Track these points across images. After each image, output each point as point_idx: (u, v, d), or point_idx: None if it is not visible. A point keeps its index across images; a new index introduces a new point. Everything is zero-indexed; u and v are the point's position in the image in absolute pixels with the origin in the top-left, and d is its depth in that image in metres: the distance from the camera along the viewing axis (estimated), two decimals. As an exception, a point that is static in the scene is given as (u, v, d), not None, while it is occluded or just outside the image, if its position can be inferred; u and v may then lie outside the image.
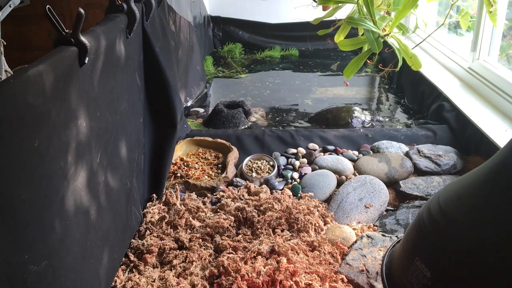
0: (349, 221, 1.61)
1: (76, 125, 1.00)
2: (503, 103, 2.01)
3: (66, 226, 0.94)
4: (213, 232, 1.51)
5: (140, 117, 1.63)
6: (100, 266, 1.15)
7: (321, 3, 1.47)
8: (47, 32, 3.10)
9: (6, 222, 0.74)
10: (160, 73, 1.81)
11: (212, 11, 4.18)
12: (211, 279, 1.31)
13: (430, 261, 0.94)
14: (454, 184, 1.01)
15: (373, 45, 1.25)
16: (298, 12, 2.46)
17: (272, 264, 1.32)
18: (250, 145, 2.11)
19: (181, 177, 1.87)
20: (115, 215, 1.27)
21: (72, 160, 0.98)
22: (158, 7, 2.04)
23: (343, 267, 1.34)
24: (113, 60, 1.25)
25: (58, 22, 0.95)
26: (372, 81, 3.32)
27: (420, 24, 2.53)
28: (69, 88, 0.95)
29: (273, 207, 1.61)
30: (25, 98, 0.78)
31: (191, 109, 2.79)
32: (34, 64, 0.83)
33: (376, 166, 1.89)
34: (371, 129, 2.27)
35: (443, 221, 0.94)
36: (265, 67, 3.70)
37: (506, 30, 2.26)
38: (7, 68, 1.36)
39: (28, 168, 0.80)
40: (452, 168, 1.88)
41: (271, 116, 2.70)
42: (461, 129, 2.10)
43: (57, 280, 0.90)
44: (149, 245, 1.44)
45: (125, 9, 1.41)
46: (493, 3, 1.29)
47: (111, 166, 1.24)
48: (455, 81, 2.49)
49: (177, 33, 2.60)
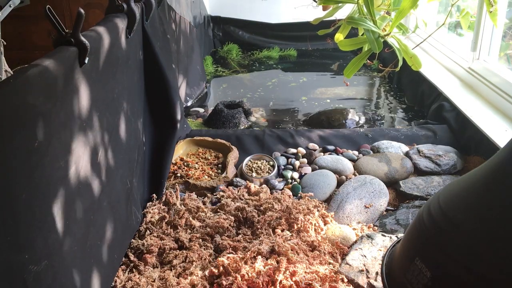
0: (349, 221, 1.61)
1: (76, 125, 1.00)
2: (503, 103, 2.01)
3: (66, 226, 0.94)
4: (213, 232, 1.51)
5: (140, 117, 1.63)
6: (100, 266, 1.15)
7: (321, 3, 1.47)
8: (47, 32, 3.10)
9: (6, 222, 0.74)
10: (160, 73, 1.81)
11: (212, 11, 4.18)
12: (211, 279, 1.31)
13: (430, 261, 0.94)
14: (454, 184, 1.01)
15: (373, 45, 1.25)
16: (298, 12, 2.45)
17: (272, 264, 1.32)
18: (250, 145, 2.11)
19: (181, 177, 1.87)
20: (115, 215, 1.27)
21: (72, 160, 0.98)
22: (158, 7, 2.04)
23: (343, 267, 1.34)
24: (113, 60, 1.25)
25: (58, 22, 0.95)
26: (372, 81, 3.32)
27: (420, 24, 2.53)
28: (69, 88, 0.95)
29: (273, 207, 1.61)
30: (25, 98, 0.78)
31: (191, 109, 2.79)
32: (34, 64, 0.83)
33: (376, 166, 1.89)
34: (371, 129, 2.27)
35: (443, 221, 0.94)
36: (265, 67, 3.70)
37: (506, 30, 2.26)
38: (7, 68, 1.36)
39: (28, 168, 0.80)
40: (452, 168, 1.88)
41: (271, 116, 2.70)
42: (461, 129, 2.10)
43: (57, 280, 0.90)
44: (149, 245, 1.44)
45: (125, 9, 1.41)
46: (493, 3, 1.29)
47: (111, 166, 1.24)
48: (455, 81, 2.49)
49: (177, 33, 2.60)
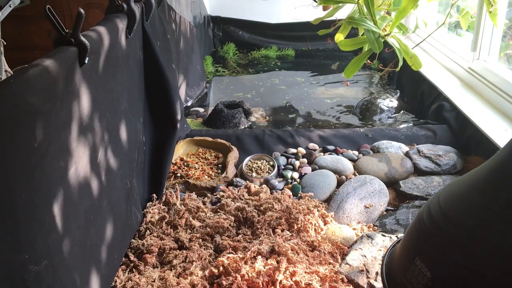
0: (349, 221, 1.61)
1: (76, 125, 1.00)
2: (503, 103, 2.01)
3: (66, 226, 0.94)
4: (213, 232, 1.51)
5: (140, 117, 1.63)
6: (100, 266, 1.15)
7: (321, 3, 1.47)
8: (47, 32, 3.10)
9: (6, 222, 0.74)
10: (160, 73, 1.81)
11: (212, 11, 4.18)
12: (211, 279, 1.31)
13: (430, 261, 0.94)
14: (454, 184, 1.01)
15: (374, 45, 1.25)
16: (298, 12, 2.45)
17: (272, 264, 1.32)
18: (250, 145, 2.11)
19: (181, 177, 1.87)
20: (115, 215, 1.27)
21: (72, 160, 0.98)
22: (158, 7, 2.04)
23: (343, 267, 1.34)
24: (113, 60, 1.25)
25: (58, 22, 0.95)
26: (372, 81, 3.32)
27: (420, 24, 2.53)
28: (69, 88, 0.95)
29: (273, 207, 1.60)
30: (25, 98, 0.78)
31: (191, 109, 2.79)
32: (34, 64, 0.83)
33: (376, 166, 1.89)
34: (371, 129, 2.27)
35: (443, 221, 0.94)
36: (265, 67, 3.70)
37: (505, 30, 2.26)
38: (7, 68, 1.36)
39: (28, 168, 0.80)
40: (452, 168, 1.88)
41: (271, 116, 2.70)
42: (461, 129, 2.10)
43: (57, 280, 0.90)
44: (149, 245, 1.44)
45: (125, 9, 1.41)
46: (493, 3, 1.29)
47: (111, 166, 1.24)
48: (455, 81, 2.49)
49: (177, 33, 2.60)
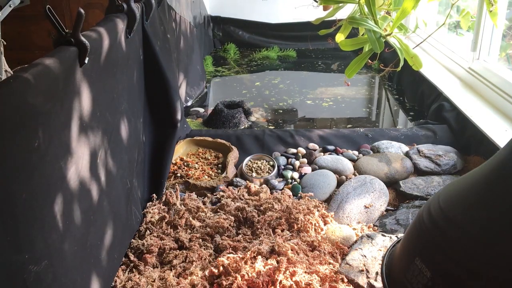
0: (349, 221, 1.61)
1: (76, 125, 1.00)
2: (503, 103, 2.01)
3: (66, 226, 0.94)
4: (213, 232, 1.51)
5: (140, 117, 1.63)
6: (100, 266, 1.15)
7: (322, 3, 1.47)
8: (47, 32, 3.10)
9: (6, 222, 0.74)
10: (160, 73, 1.81)
11: (212, 11, 4.18)
12: (211, 279, 1.31)
13: (430, 261, 0.94)
14: (454, 184, 1.01)
15: (375, 45, 1.25)
16: (298, 12, 2.46)
17: (272, 264, 1.32)
18: (250, 145, 2.11)
19: (181, 177, 1.87)
20: (115, 215, 1.27)
21: (72, 160, 0.98)
22: (158, 7, 2.04)
23: (343, 267, 1.34)
24: (113, 60, 1.25)
25: (58, 22, 0.95)
26: (372, 81, 3.32)
27: (420, 24, 2.53)
28: (69, 88, 0.95)
29: (273, 207, 1.60)
30: (25, 98, 0.78)
31: (191, 109, 2.79)
32: (34, 64, 0.83)
33: (376, 166, 1.89)
34: (371, 129, 2.27)
35: (443, 221, 0.94)
36: (265, 67, 3.70)
37: (506, 30, 2.26)
38: (7, 68, 1.36)
39: (28, 168, 0.80)
40: (452, 168, 1.88)
41: (271, 116, 2.70)
42: (461, 129, 2.10)
43: (57, 280, 0.90)
44: (149, 245, 1.44)
45: (125, 9, 1.41)
46: (493, 3, 1.29)
47: (111, 166, 1.24)
48: (455, 81, 2.49)
49: (177, 33, 2.60)
